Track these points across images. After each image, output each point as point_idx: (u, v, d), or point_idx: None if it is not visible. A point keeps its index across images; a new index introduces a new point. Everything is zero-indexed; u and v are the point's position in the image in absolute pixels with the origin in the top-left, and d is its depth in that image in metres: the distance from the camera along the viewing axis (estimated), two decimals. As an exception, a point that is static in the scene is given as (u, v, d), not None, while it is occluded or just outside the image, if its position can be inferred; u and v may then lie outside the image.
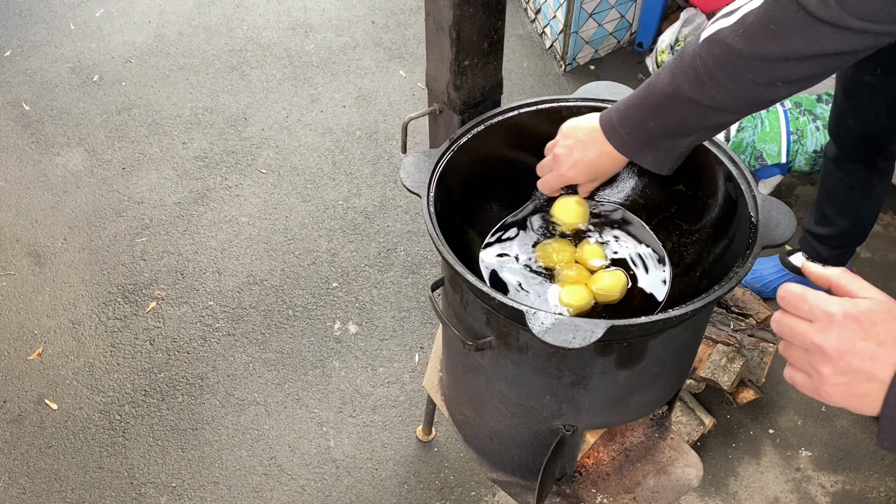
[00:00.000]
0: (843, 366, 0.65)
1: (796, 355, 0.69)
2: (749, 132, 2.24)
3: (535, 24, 3.13)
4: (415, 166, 1.14)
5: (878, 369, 0.64)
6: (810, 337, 0.66)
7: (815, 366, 0.66)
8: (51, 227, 2.45)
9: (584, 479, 1.42)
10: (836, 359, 0.65)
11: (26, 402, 2.03)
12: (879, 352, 0.64)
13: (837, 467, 1.91)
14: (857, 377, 0.64)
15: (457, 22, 1.20)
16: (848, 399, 0.66)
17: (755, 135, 2.25)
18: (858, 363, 0.64)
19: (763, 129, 2.25)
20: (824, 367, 0.66)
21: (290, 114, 2.80)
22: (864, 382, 0.64)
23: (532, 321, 0.91)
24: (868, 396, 0.65)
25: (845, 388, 0.65)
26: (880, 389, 0.64)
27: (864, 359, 0.64)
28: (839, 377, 0.65)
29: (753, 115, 2.22)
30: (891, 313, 0.65)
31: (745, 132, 2.24)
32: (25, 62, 3.01)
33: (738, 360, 1.88)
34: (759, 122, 2.25)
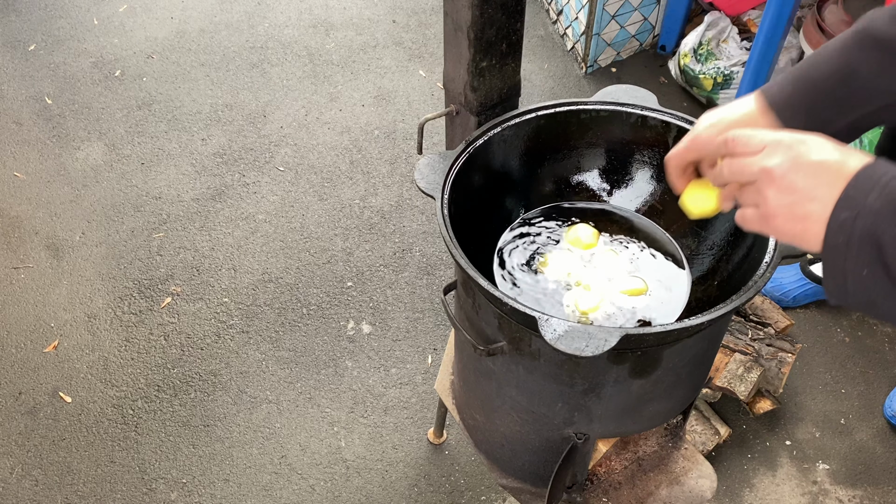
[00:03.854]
0: (786, 184, 0.64)
1: (746, 192, 0.69)
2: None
3: (556, 26, 3.11)
4: (430, 168, 1.13)
5: (819, 187, 0.63)
6: (759, 162, 0.67)
7: (761, 191, 0.66)
8: (69, 221, 2.46)
9: (596, 488, 1.40)
10: (779, 177, 0.65)
11: (41, 395, 2.04)
12: (822, 170, 0.63)
13: (856, 481, 1.87)
14: (799, 196, 0.64)
15: (475, 23, 1.18)
16: (791, 223, 0.65)
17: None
18: (801, 180, 0.63)
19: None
20: (769, 189, 0.66)
21: (309, 112, 2.80)
22: (807, 202, 0.63)
23: (544, 328, 0.90)
24: (810, 219, 0.63)
25: (788, 209, 0.64)
26: (822, 211, 0.62)
27: (806, 175, 0.63)
28: (782, 197, 0.65)
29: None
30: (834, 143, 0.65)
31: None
32: (49, 56, 3.04)
33: (756, 370, 1.85)
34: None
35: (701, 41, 2.66)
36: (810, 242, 0.64)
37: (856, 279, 0.61)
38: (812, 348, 2.10)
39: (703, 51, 2.65)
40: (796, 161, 0.64)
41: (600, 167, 1.30)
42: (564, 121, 1.23)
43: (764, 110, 0.90)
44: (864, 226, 0.59)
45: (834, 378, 2.05)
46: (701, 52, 2.65)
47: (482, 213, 1.23)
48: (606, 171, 1.30)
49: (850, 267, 0.60)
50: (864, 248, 0.59)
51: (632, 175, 1.29)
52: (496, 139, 1.20)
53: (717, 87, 2.63)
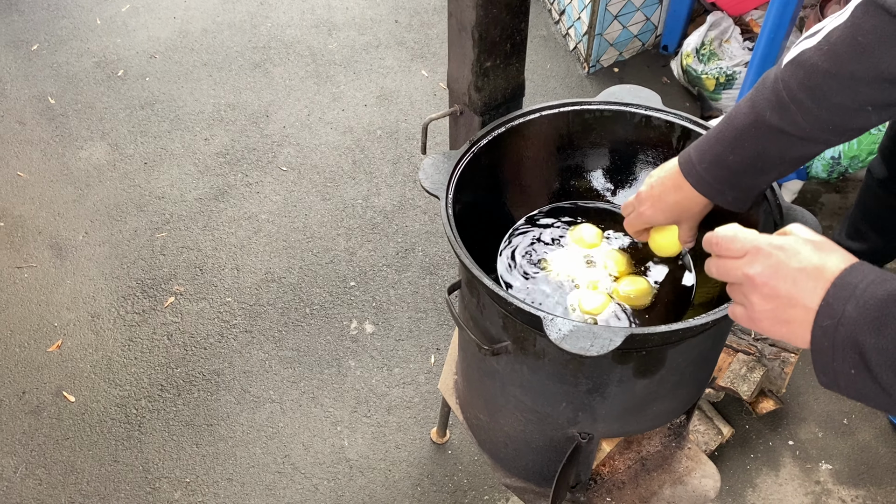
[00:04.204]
0: (769, 291, 0.67)
1: (734, 291, 0.72)
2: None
3: (559, 26, 3.11)
4: (434, 168, 1.13)
5: (800, 294, 0.65)
6: (741, 269, 0.70)
7: (747, 296, 0.70)
8: (73, 221, 2.47)
9: (599, 488, 1.40)
10: (762, 285, 0.68)
11: (45, 394, 2.05)
12: (801, 277, 0.66)
13: (859, 481, 1.87)
14: (781, 302, 0.66)
15: (479, 23, 1.19)
16: (777, 326, 0.68)
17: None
18: (783, 287, 0.66)
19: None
20: (753, 295, 0.69)
21: (312, 112, 2.81)
22: (789, 308, 0.66)
23: (549, 327, 0.90)
24: (794, 323, 0.66)
25: (773, 313, 0.68)
26: (805, 316, 0.65)
27: (787, 283, 0.66)
28: (766, 303, 0.68)
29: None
30: (814, 245, 0.68)
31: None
32: (52, 56, 3.04)
33: (759, 370, 1.85)
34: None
35: (703, 41, 2.66)
36: (797, 342, 0.68)
37: (845, 377, 0.64)
38: (815, 348, 2.09)
39: (705, 51, 2.65)
40: (776, 269, 0.67)
41: (604, 167, 1.30)
42: (568, 121, 1.23)
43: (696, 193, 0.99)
44: (846, 333, 0.62)
45: (836, 378, 2.05)
46: (703, 53, 2.65)
47: (486, 212, 1.23)
48: (610, 171, 1.30)
49: (839, 367, 0.64)
50: (848, 353, 0.62)
51: (636, 175, 1.29)
52: (500, 139, 1.20)
53: (719, 88, 2.63)
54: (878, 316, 0.60)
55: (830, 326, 0.63)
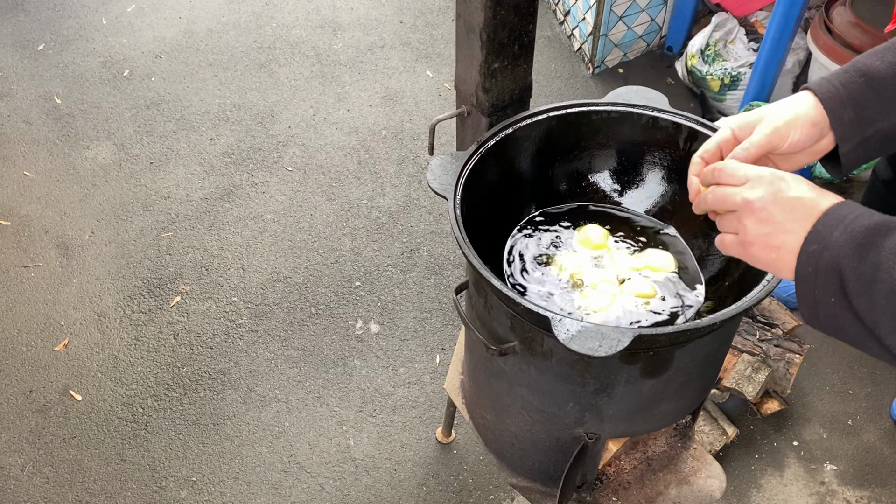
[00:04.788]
0: (765, 216, 0.70)
1: (726, 219, 0.75)
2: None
3: (563, 27, 3.11)
4: (442, 168, 1.14)
5: (794, 221, 0.68)
6: (741, 194, 0.72)
7: (741, 220, 0.72)
8: (79, 220, 2.47)
9: (605, 487, 1.41)
10: (759, 209, 0.70)
11: (51, 393, 2.06)
12: (798, 206, 0.69)
13: (863, 482, 1.88)
14: (776, 227, 0.69)
15: (487, 24, 1.19)
16: (766, 251, 0.70)
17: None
18: (778, 213, 0.69)
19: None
20: (749, 219, 0.71)
21: (317, 112, 2.81)
22: (782, 234, 0.69)
23: (557, 328, 0.90)
24: (784, 249, 0.69)
25: (765, 238, 0.70)
26: (795, 242, 0.68)
27: (784, 209, 0.69)
28: (761, 227, 0.70)
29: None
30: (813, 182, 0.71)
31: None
32: (58, 56, 3.05)
33: (764, 371, 1.86)
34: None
35: (708, 42, 2.66)
36: (783, 270, 0.70)
37: (825, 307, 0.66)
38: (819, 349, 2.10)
39: (710, 52, 2.65)
40: (776, 196, 0.70)
41: (611, 168, 1.30)
42: (576, 122, 1.24)
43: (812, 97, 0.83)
44: (829, 258, 0.65)
45: (841, 379, 2.05)
46: (708, 53, 2.65)
47: (493, 213, 1.24)
48: (617, 173, 1.30)
49: (819, 295, 0.66)
50: (830, 278, 0.65)
51: (643, 176, 1.29)
52: (508, 140, 1.20)
53: (724, 88, 2.63)
54: (863, 242, 0.63)
55: (816, 251, 0.66)
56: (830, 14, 2.37)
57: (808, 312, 0.68)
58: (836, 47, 2.28)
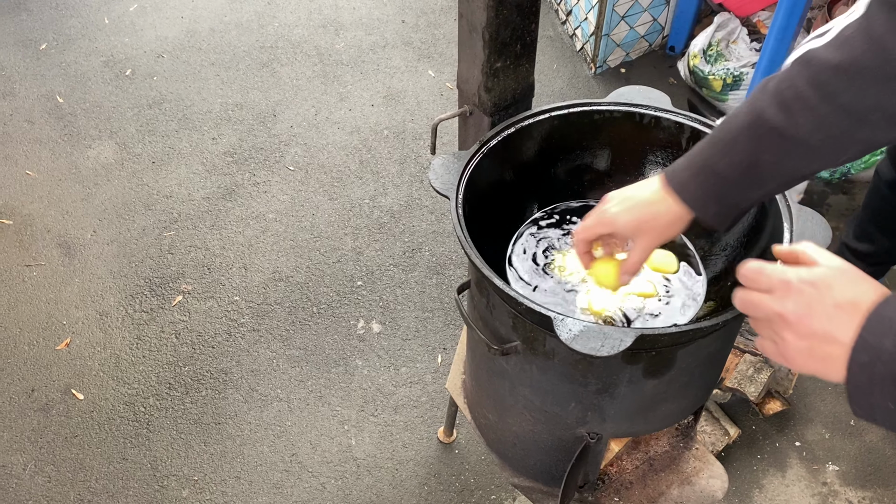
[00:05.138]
0: (804, 330, 0.65)
1: (761, 326, 0.70)
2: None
3: (565, 26, 3.11)
4: (444, 168, 1.14)
5: (837, 331, 0.63)
6: (770, 306, 0.67)
7: (778, 332, 0.67)
8: (81, 219, 2.48)
9: (607, 488, 1.41)
10: (795, 323, 0.65)
11: (53, 392, 2.06)
12: (837, 313, 0.64)
13: (865, 483, 1.87)
14: (817, 340, 0.64)
15: (490, 24, 1.19)
16: (812, 363, 0.66)
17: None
18: (818, 325, 0.64)
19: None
20: (786, 332, 0.66)
21: (319, 111, 2.81)
22: (825, 345, 0.64)
23: (560, 328, 0.90)
24: (830, 360, 0.64)
25: (808, 352, 0.65)
26: (842, 352, 0.63)
27: (822, 321, 0.64)
28: (801, 341, 0.65)
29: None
30: (847, 277, 0.65)
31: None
32: (60, 55, 3.05)
33: (766, 371, 1.86)
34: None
35: (710, 42, 2.66)
36: (832, 377, 0.66)
37: (883, 411, 0.63)
38: (822, 349, 2.09)
39: (712, 52, 2.65)
40: (810, 307, 0.65)
41: (613, 168, 1.30)
42: (578, 121, 1.24)
43: (677, 203, 0.92)
44: (885, 369, 0.61)
45: (843, 379, 2.05)
46: (710, 53, 2.65)
47: (495, 212, 1.23)
48: (619, 172, 1.30)
49: (876, 402, 0.62)
50: (888, 387, 0.61)
51: (645, 176, 1.29)
52: (510, 140, 1.20)
53: (726, 88, 2.63)
54: None
55: (868, 363, 0.62)
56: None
57: (864, 413, 0.64)
58: (839, 47, 2.28)
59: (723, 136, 0.87)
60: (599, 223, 0.98)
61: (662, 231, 0.94)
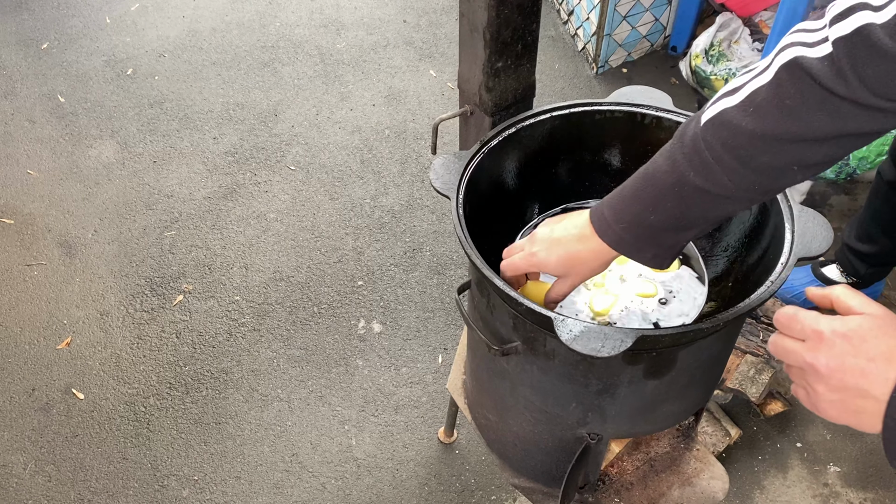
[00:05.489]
0: (836, 383, 0.65)
1: (794, 373, 0.70)
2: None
3: (567, 26, 3.11)
4: (445, 168, 1.13)
5: (870, 386, 0.63)
6: (802, 356, 0.67)
7: (810, 383, 0.67)
8: (82, 219, 2.48)
9: (608, 488, 1.40)
10: (827, 376, 0.65)
11: (54, 391, 2.06)
12: (870, 367, 0.63)
13: (867, 484, 1.87)
14: (850, 394, 0.64)
15: (491, 23, 1.19)
16: (845, 415, 0.66)
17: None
18: (850, 380, 0.64)
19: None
20: (818, 384, 0.66)
21: (320, 111, 2.81)
22: (858, 399, 0.64)
23: (560, 328, 0.90)
24: (864, 413, 0.64)
25: (841, 404, 0.65)
26: (876, 406, 0.63)
27: (855, 375, 0.63)
28: (833, 394, 0.65)
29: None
30: (882, 329, 0.64)
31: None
32: (62, 54, 3.05)
33: (767, 372, 1.85)
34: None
35: (712, 42, 2.65)
36: (867, 429, 0.65)
37: None
38: (823, 350, 2.09)
39: (714, 52, 2.64)
40: (842, 361, 0.64)
41: (615, 168, 1.30)
42: (579, 121, 1.23)
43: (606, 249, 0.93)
44: None
45: (845, 380, 2.04)
46: (712, 54, 2.64)
47: (496, 212, 1.23)
48: (621, 172, 1.30)
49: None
50: None
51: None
52: (511, 139, 1.20)
53: (728, 88, 2.62)
54: None
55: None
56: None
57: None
58: (841, 47, 2.27)
59: (649, 191, 0.87)
60: (529, 265, 1.00)
61: (593, 270, 0.96)
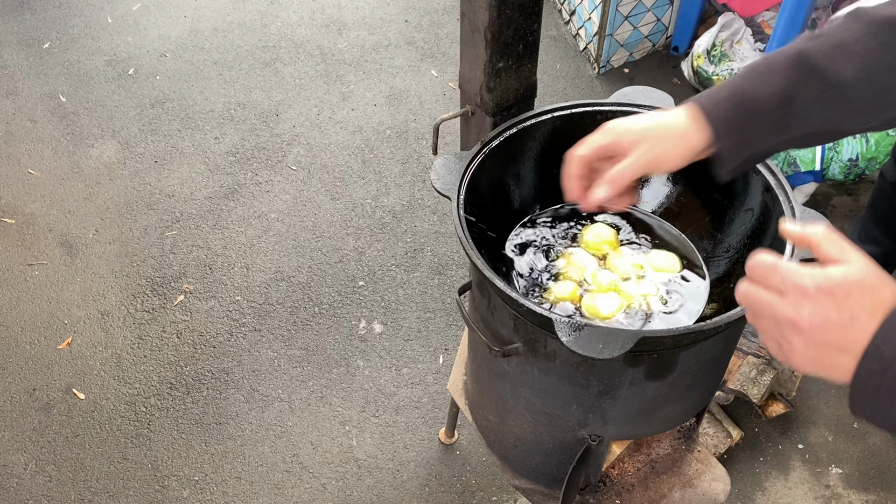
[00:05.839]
0: (816, 339, 0.63)
1: (766, 325, 0.66)
2: (786, 140, 2.19)
3: (569, 26, 3.10)
4: (445, 168, 1.13)
5: (851, 342, 0.62)
6: (781, 311, 0.64)
7: (786, 337, 0.64)
8: (83, 218, 2.48)
9: (609, 490, 1.40)
10: (808, 332, 0.63)
11: (55, 391, 2.06)
12: (852, 325, 0.61)
13: (869, 485, 1.86)
14: (829, 349, 0.62)
15: (492, 24, 1.18)
16: (818, 369, 0.64)
17: (792, 142, 2.20)
18: (832, 336, 0.62)
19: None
20: (796, 338, 0.64)
21: (322, 111, 2.81)
22: (836, 355, 0.62)
23: (561, 329, 0.90)
24: (839, 367, 0.63)
25: (817, 359, 0.63)
26: (851, 361, 0.62)
27: (837, 332, 0.62)
28: (810, 349, 0.63)
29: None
30: (865, 283, 0.62)
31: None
32: (63, 54, 3.05)
33: (769, 373, 1.85)
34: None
35: (714, 42, 2.65)
36: (836, 379, 0.64)
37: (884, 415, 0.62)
38: (825, 351, 2.08)
39: (716, 52, 2.64)
40: (825, 319, 0.62)
41: (616, 169, 1.29)
42: (580, 122, 1.23)
43: (697, 120, 0.88)
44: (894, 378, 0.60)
45: (847, 381, 2.04)
46: (714, 54, 2.64)
47: (497, 213, 1.23)
48: (622, 173, 1.29)
49: (881, 406, 0.61)
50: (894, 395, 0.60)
51: (647, 177, 1.28)
52: (512, 140, 1.19)
53: (730, 89, 2.62)
54: None
55: (877, 371, 0.60)
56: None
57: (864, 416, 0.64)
58: (844, 48, 2.27)
59: (762, 68, 0.85)
60: (601, 133, 0.94)
61: (667, 145, 0.89)
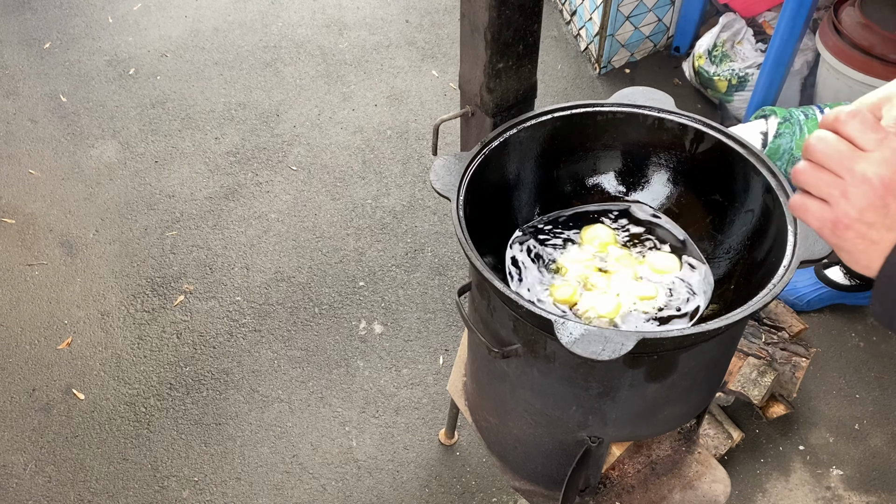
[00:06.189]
0: (880, 203, 0.56)
1: (823, 178, 0.59)
2: (786, 138, 2.19)
3: (570, 26, 3.10)
4: (445, 169, 1.13)
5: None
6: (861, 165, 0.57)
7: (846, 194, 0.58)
8: (83, 219, 2.47)
9: (609, 492, 1.40)
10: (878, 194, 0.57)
11: (54, 391, 2.05)
12: None
13: (870, 487, 1.86)
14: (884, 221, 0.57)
15: (492, 24, 1.18)
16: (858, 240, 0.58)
17: (793, 141, 2.20)
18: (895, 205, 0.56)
19: (801, 136, 2.20)
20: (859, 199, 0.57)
21: (322, 111, 2.81)
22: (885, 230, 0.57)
23: (560, 331, 0.89)
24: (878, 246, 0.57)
25: (867, 228, 0.58)
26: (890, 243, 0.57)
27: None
28: (870, 213, 0.57)
29: (791, 122, 2.17)
30: None
31: (782, 139, 2.19)
32: (64, 54, 3.05)
33: (770, 374, 1.84)
34: (797, 129, 2.21)
35: (715, 43, 2.64)
36: (861, 264, 0.59)
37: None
38: (826, 353, 2.08)
39: (717, 52, 2.63)
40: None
41: (616, 169, 1.29)
42: (581, 123, 1.23)
43: None
44: None
45: (848, 383, 2.03)
46: (715, 54, 2.63)
47: (497, 214, 1.23)
48: (622, 174, 1.29)
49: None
50: None
51: (648, 178, 1.28)
52: (512, 141, 1.19)
53: (731, 89, 2.62)
54: None
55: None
56: (839, 15, 2.35)
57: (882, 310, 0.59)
58: (845, 48, 2.27)
59: None
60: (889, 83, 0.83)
61: None
